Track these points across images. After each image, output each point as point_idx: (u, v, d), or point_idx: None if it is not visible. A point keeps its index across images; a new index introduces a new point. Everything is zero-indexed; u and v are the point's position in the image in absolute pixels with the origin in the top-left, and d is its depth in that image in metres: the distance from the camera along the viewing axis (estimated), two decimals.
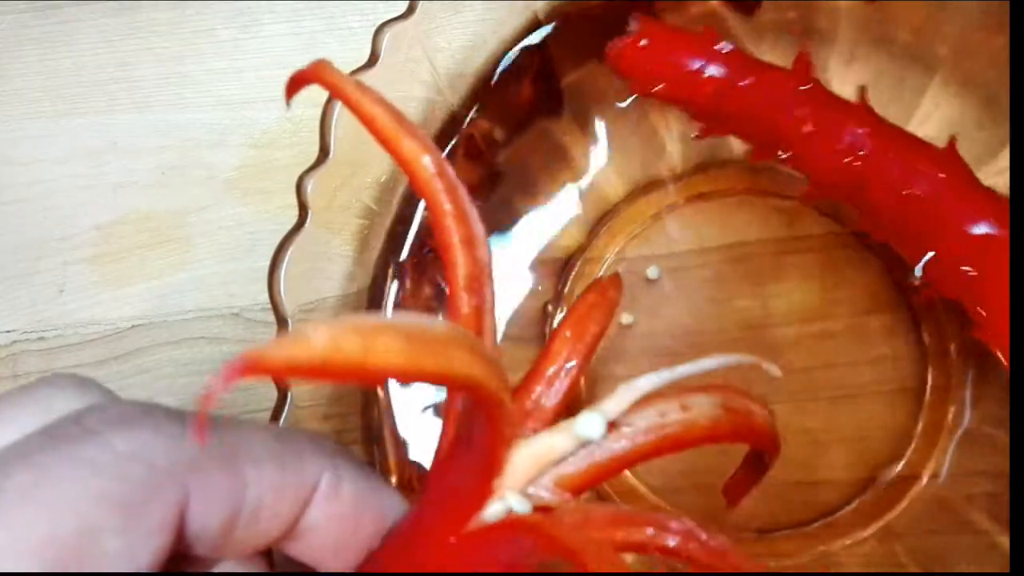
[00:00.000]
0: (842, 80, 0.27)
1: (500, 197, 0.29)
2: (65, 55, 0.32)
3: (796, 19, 0.27)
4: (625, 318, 0.28)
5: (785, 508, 0.27)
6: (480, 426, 0.15)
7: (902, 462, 0.27)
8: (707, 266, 0.28)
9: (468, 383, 0.13)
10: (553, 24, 0.28)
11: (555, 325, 0.29)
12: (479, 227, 0.17)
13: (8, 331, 0.32)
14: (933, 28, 0.26)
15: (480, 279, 0.17)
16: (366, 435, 0.26)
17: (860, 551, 0.26)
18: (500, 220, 0.28)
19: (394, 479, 0.26)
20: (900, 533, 0.26)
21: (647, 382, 0.16)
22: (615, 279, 0.20)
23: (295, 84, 0.17)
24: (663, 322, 0.28)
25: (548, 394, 0.18)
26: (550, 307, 0.29)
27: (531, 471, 0.16)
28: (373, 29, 0.24)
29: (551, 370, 0.18)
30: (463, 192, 0.17)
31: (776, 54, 0.27)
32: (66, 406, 0.15)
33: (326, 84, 0.17)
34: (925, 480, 0.26)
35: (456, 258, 0.17)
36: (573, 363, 0.18)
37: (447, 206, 0.17)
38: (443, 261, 0.17)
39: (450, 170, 0.17)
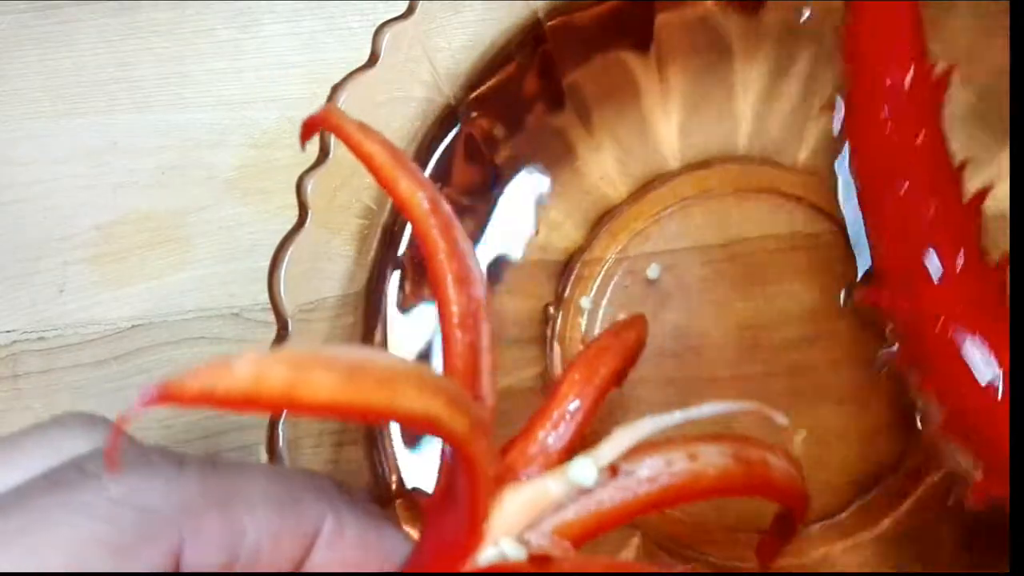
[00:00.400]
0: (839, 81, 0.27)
1: (500, 197, 0.29)
2: (65, 55, 0.32)
3: (795, 19, 0.27)
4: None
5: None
6: (459, 468, 0.15)
7: (901, 463, 0.27)
8: (707, 265, 0.28)
9: (417, 419, 0.13)
10: (554, 23, 0.28)
11: (556, 327, 0.29)
12: (475, 265, 0.17)
13: (8, 331, 0.32)
14: (932, 30, 0.26)
15: (475, 316, 0.17)
16: (368, 438, 0.26)
17: (861, 553, 0.26)
18: (500, 220, 0.28)
19: (394, 480, 0.26)
20: (899, 534, 0.26)
21: (645, 427, 0.16)
22: (638, 320, 0.20)
23: (308, 129, 0.18)
24: (663, 323, 0.28)
25: (554, 437, 0.17)
26: (551, 309, 0.29)
27: (526, 516, 0.16)
28: (373, 29, 0.24)
29: (556, 413, 0.18)
30: (459, 229, 0.17)
31: (776, 55, 0.27)
32: (73, 447, 0.16)
33: (333, 128, 0.18)
34: (924, 481, 0.26)
35: (448, 296, 0.17)
36: (578, 404, 0.18)
37: (440, 243, 0.17)
38: (436, 299, 0.17)
39: (445, 207, 0.17)
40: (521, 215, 0.29)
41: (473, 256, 0.17)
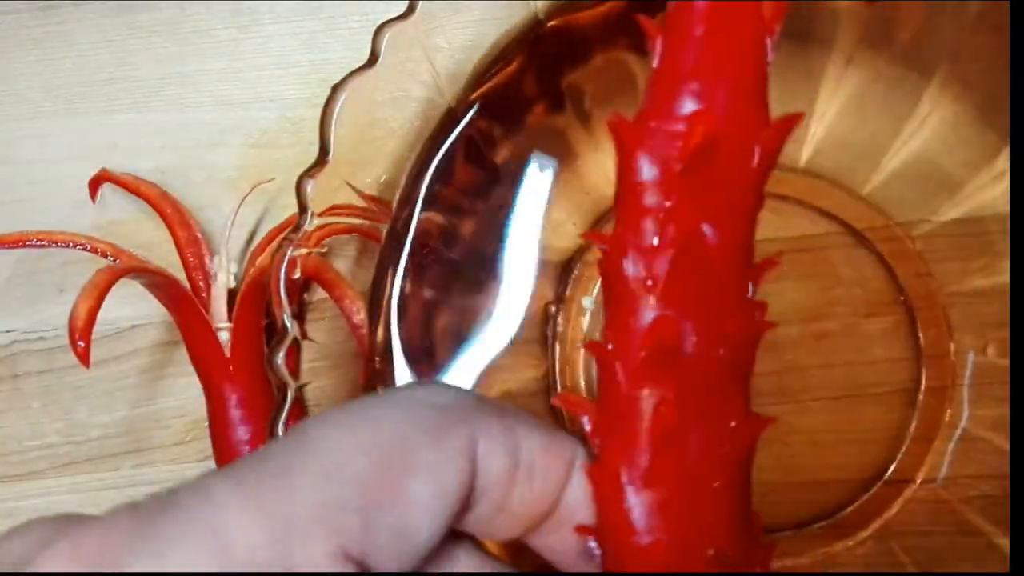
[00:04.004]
0: (839, 82, 0.27)
1: (500, 197, 0.29)
2: (65, 55, 0.32)
3: (795, 20, 0.27)
4: None
5: (785, 509, 0.27)
6: None
7: (900, 463, 0.27)
8: None
9: None
10: (554, 23, 0.28)
11: (557, 327, 0.29)
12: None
13: (8, 331, 0.32)
14: (932, 29, 0.26)
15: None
16: None
17: (860, 552, 0.26)
18: (500, 220, 0.28)
19: None
20: (899, 534, 0.26)
21: None
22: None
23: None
24: None
25: None
26: (552, 308, 0.29)
27: None
28: (373, 29, 0.24)
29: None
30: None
31: (776, 56, 0.27)
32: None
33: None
34: (923, 481, 0.26)
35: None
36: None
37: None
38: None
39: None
40: (522, 215, 0.29)
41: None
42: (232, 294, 0.30)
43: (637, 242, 0.17)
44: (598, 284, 0.29)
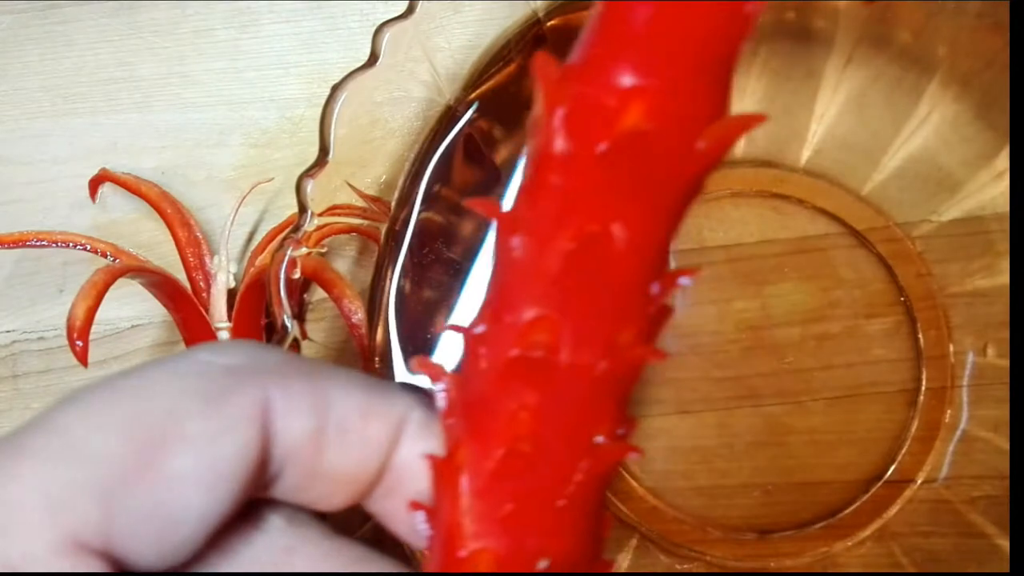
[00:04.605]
0: (839, 82, 0.27)
1: (500, 197, 0.29)
2: (65, 55, 0.32)
3: (795, 20, 0.27)
4: None
5: (785, 509, 0.27)
6: None
7: (900, 464, 0.27)
8: (706, 266, 0.28)
9: None
10: (554, 23, 0.28)
11: None
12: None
13: (8, 331, 0.32)
14: (932, 29, 0.26)
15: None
16: None
17: (860, 552, 0.26)
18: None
19: None
20: (899, 534, 0.26)
21: None
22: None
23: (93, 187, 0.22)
24: None
25: None
26: None
27: None
28: (373, 29, 0.24)
29: None
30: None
31: (775, 56, 0.28)
32: None
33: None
34: (924, 482, 0.26)
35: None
36: None
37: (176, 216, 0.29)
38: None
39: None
40: None
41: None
42: (232, 294, 0.30)
43: (532, 224, 0.14)
44: None
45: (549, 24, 0.28)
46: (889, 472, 0.27)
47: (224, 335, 0.29)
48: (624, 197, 0.13)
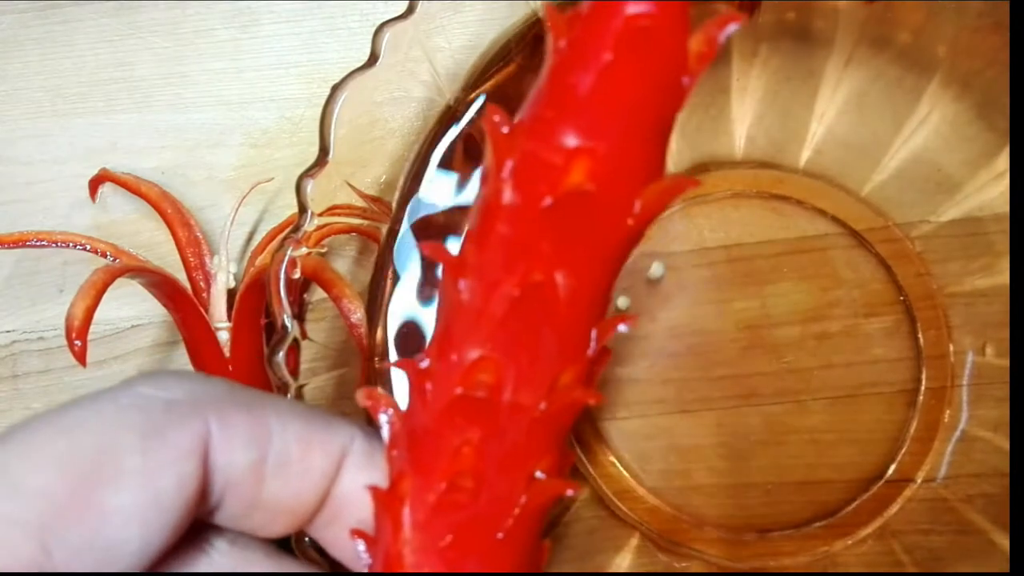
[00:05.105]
0: (839, 82, 0.27)
1: None
2: (65, 55, 0.32)
3: (795, 20, 0.27)
4: (622, 302, 0.28)
5: (785, 508, 0.27)
6: None
7: (899, 463, 0.27)
8: (706, 267, 0.28)
9: None
10: None
11: None
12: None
13: (8, 331, 0.32)
14: (932, 28, 0.26)
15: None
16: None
17: (860, 551, 0.26)
18: None
19: None
20: (899, 533, 0.26)
21: None
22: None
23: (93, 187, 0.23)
24: (663, 323, 0.28)
25: None
26: None
27: None
28: (373, 29, 0.24)
29: None
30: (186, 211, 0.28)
31: (775, 56, 0.28)
32: None
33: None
34: (923, 481, 0.26)
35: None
36: None
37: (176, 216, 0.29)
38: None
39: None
40: None
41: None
42: (232, 294, 0.30)
43: (479, 269, 0.15)
44: None
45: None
46: (889, 471, 0.27)
47: (224, 335, 0.29)
48: (567, 248, 0.14)
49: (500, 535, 0.15)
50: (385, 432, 0.16)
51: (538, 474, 0.15)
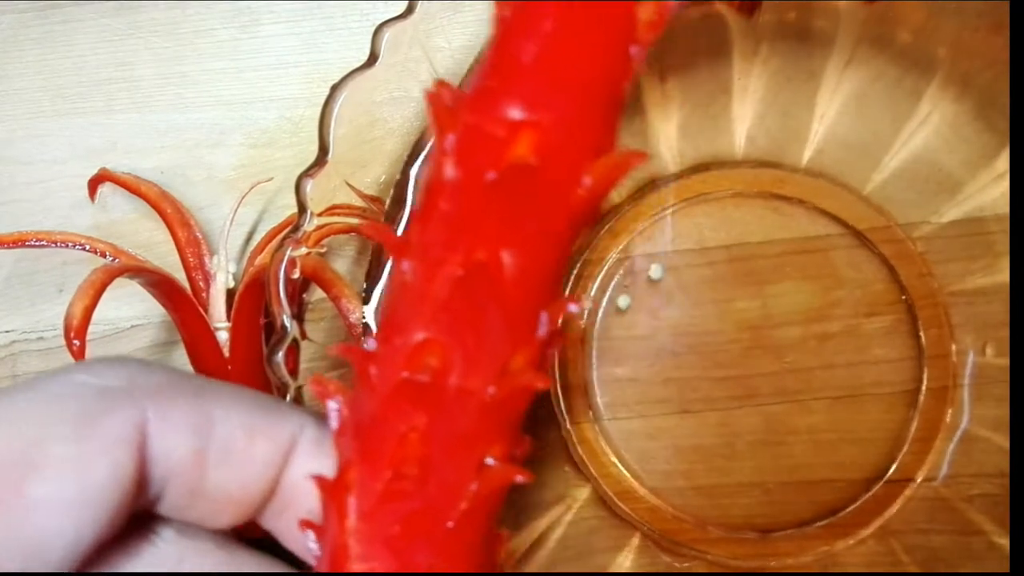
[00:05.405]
0: (837, 84, 0.27)
1: None
2: (65, 55, 0.32)
3: (795, 20, 0.27)
4: (623, 301, 0.28)
5: (786, 508, 0.27)
6: None
7: (901, 463, 0.27)
8: (707, 267, 0.28)
9: None
10: None
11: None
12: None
13: (8, 331, 0.32)
14: (933, 28, 0.26)
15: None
16: None
17: (861, 551, 0.26)
18: None
19: None
20: (900, 533, 0.26)
21: None
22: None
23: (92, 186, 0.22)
24: (663, 323, 0.28)
25: None
26: None
27: None
28: (373, 29, 0.24)
29: None
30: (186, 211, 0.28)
31: (776, 56, 0.28)
32: None
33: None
34: (923, 480, 0.26)
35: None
36: None
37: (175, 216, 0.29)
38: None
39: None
40: None
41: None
42: (231, 294, 0.30)
43: (423, 249, 0.14)
44: (597, 284, 0.29)
45: None
46: (890, 471, 0.27)
47: (223, 335, 0.29)
48: (512, 226, 0.13)
49: (450, 524, 0.15)
50: (333, 419, 0.16)
51: (489, 461, 0.15)
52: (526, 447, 0.16)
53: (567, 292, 0.29)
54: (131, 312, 0.31)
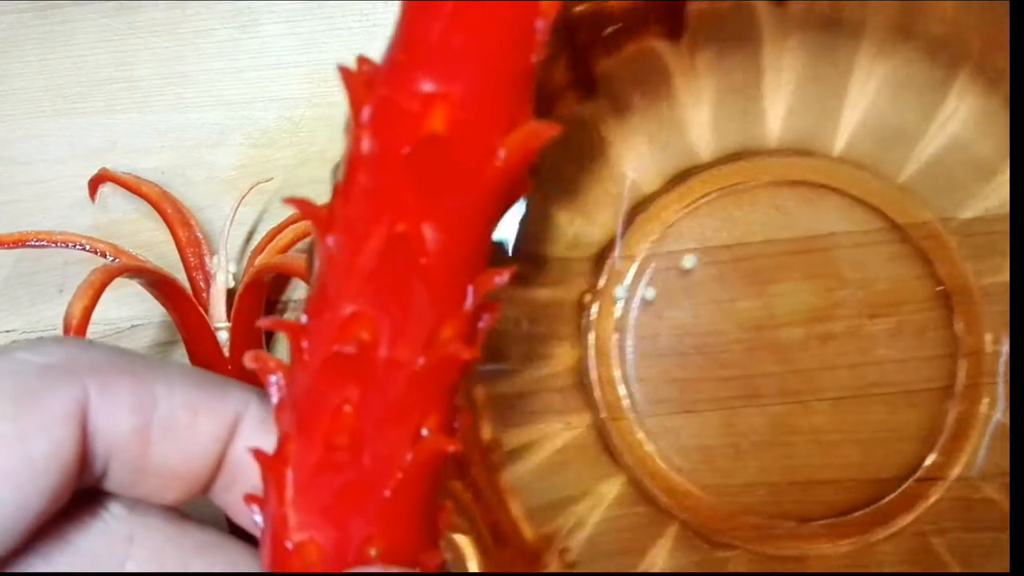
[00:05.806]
0: (868, 74, 0.27)
1: (532, 190, 0.28)
2: (65, 55, 0.32)
3: (826, 9, 0.27)
4: (650, 293, 0.28)
5: (787, 508, 0.27)
6: None
7: (932, 458, 0.26)
8: (710, 266, 0.28)
9: None
10: (581, 10, 0.27)
11: (591, 317, 0.28)
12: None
13: (8, 331, 0.31)
14: (964, 20, 0.25)
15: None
16: None
17: (861, 552, 0.26)
18: (532, 213, 0.28)
19: None
20: (934, 529, 0.26)
21: None
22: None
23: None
24: (665, 323, 0.28)
25: None
26: (587, 298, 0.28)
27: None
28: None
29: None
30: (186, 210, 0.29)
31: (805, 46, 0.27)
32: None
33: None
34: (958, 477, 0.26)
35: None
36: None
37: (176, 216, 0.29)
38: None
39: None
40: (554, 207, 0.28)
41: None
42: (231, 294, 0.29)
43: (345, 223, 0.14)
44: (631, 275, 0.28)
45: (577, 11, 0.27)
46: (889, 471, 0.27)
47: (223, 335, 0.29)
48: (431, 198, 0.14)
49: (387, 493, 0.15)
50: (274, 395, 0.16)
51: (424, 432, 0.15)
52: (466, 419, 0.16)
53: (601, 284, 0.28)
54: (131, 312, 0.31)
